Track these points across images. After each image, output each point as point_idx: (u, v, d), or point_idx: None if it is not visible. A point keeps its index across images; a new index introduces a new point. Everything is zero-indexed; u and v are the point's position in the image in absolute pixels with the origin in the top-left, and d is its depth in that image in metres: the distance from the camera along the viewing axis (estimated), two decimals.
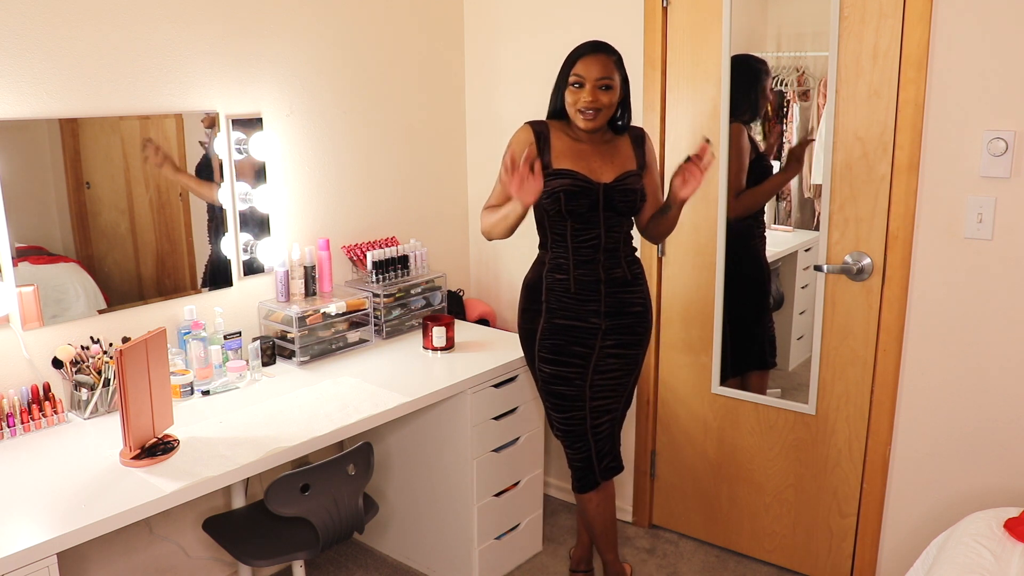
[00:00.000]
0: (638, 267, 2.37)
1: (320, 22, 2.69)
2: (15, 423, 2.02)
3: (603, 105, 2.18)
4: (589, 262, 2.27)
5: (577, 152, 2.25)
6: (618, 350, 2.33)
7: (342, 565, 2.81)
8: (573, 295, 2.28)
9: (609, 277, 2.28)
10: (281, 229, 2.67)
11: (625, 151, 2.30)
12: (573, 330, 2.29)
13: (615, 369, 2.34)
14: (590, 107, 2.17)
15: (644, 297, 2.37)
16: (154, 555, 2.46)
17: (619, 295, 2.30)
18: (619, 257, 2.30)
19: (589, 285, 2.28)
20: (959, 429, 2.33)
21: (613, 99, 2.20)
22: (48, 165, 2.10)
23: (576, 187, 2.20)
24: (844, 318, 2.47)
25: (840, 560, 2.64)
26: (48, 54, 2.06)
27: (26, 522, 1.64)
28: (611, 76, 2.17)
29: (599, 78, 2.16)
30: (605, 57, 2.18)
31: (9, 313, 2.07)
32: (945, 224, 2.25)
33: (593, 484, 2.39)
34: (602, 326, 2.29)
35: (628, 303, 2.32)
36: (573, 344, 2.29)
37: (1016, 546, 1.86)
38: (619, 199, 2.23)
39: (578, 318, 2.29)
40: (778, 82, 2.66)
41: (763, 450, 2.72)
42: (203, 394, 2.30)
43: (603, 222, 2.24)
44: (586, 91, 2.17)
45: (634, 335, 2.35)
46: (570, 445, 2.38)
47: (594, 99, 2.17)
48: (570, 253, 2.27)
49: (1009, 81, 2.09)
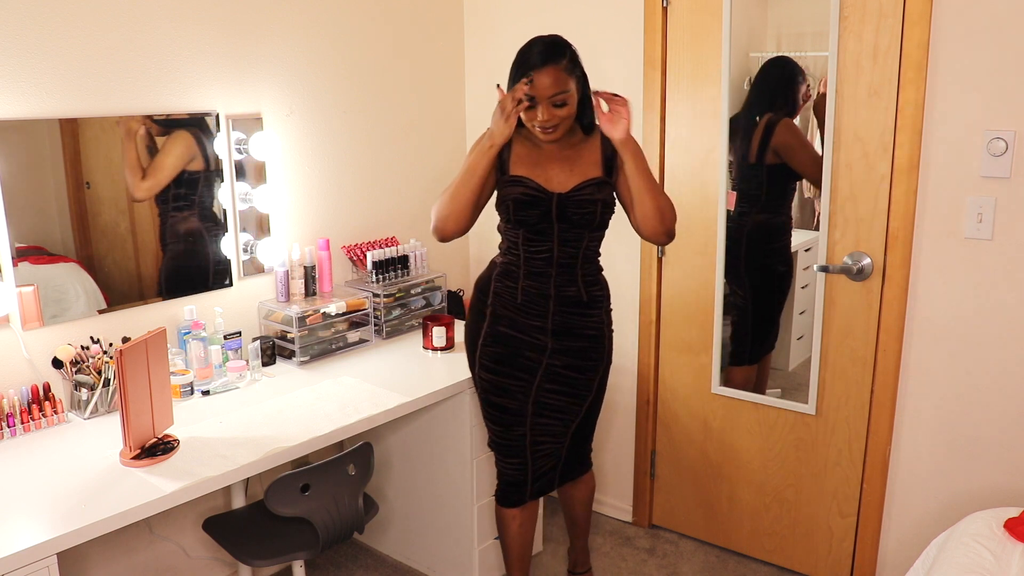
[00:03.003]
0: (599, 290, 2.21)
1: (320, 22, 2.69)
2: (15, 423, 2.02)
3: (560, 119, 2.04)
4: (540, 275, 2.14)
5: (536, 159, 2.13)
6: (567, 372, 2.20)
7: (342, 565, 2.81)
8: (519, 306, 2.17)
9: (560, 294, 2.15)
10: (281, 229, 2.67)
11: (590, 156, 2.13)
12: (517, 341, 2.19)
13: (563, 392, 2.22)
14: (547, 124, 2.04)
15: (600, 322, 2.22)
16: (154, 555, 2.46)
17: (570, 316, 2.17)
18: (575, 275, 2.15)
19: (537, 300, 2.15)
20: (959, 429, 2.33)
21: (571, 109, 2.05)
22: (48, 165, 2.10)
23: (526, 196, 2.08)
24: (844, 318, 2.47)
25: (840, 560, 2.64)
26: (48, 54, 2.06)
27: (26, 522, 1.64)
28: (565, 89, 2.01)
29: (552, 96, 2.01)
30: (554, 69, 2.00)
31: (9, 313, 2.07)
32: (945, 224, 2.25)
33: (520, 501, 2.32)
34: (548, 345, 2.18)
35: (579, 326, 2.18)
36: (517, 356, 2.19)
37: (1016, 546, 1.86)
38: (573, 210, 2.08)
39: (523, 331, 2.18)
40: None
41: (763, 450, 2.72)
42: (203, 394, 2.30)
43: (557, 234, 2.11)
44: (540, 109, 2.02)
45: (586, 359, 2.21)
46: (504, 459, 2.29)
47: (549, 116, 2.03)
48: (521, 262, 2.15)
49: (1009, 81, 2.10)
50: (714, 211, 2.66)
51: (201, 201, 2.42)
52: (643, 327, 2.89)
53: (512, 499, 2.32)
